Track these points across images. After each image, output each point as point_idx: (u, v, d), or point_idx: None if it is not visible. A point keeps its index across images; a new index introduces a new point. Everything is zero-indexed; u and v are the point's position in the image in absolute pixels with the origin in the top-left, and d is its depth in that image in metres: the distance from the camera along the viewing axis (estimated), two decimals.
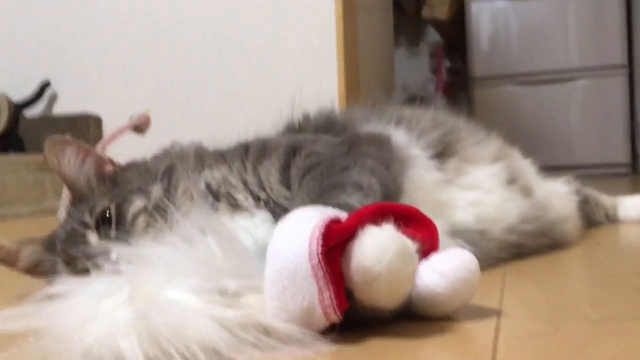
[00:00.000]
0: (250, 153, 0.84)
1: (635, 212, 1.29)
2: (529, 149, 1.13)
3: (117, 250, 0.70)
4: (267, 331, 0.53)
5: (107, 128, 2.76)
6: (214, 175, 0.82)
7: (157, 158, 0.89)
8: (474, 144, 1.00)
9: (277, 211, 0.78)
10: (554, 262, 0.91)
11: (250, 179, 0.80)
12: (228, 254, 0.65)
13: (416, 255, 0.57)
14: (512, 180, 1.01)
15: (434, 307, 0.60)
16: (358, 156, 0.79)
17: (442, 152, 0.95)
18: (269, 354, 0.52)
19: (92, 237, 0.75)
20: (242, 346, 0.52)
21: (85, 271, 0.72)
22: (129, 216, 0.76)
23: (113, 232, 0.74)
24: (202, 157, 0.88)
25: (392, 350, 0.53)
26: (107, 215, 0.75)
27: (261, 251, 0.70)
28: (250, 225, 0.77)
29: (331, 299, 0.53)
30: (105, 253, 0.71)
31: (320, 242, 0.54)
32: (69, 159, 0.81)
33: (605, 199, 1.35)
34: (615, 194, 1.36)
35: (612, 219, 1.32)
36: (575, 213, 1.14)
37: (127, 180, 0.82)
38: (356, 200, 0.71)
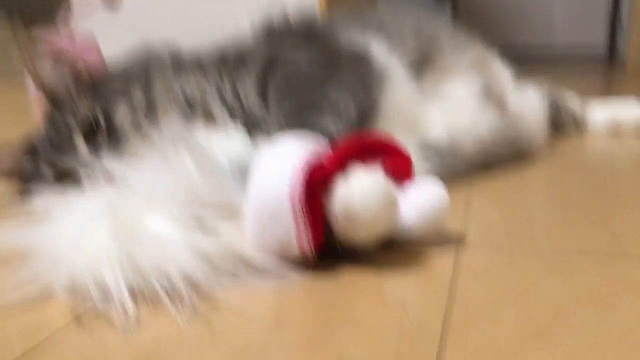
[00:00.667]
0: (227, 61, 0.83)
1: (602, 125, 1.33)
2: (512, 29, 1.12)
3: (105, 162, 0.70)
4: (244, 262, 0.57)
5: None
6: (190, 82, 0.81)
7: (132, 60, 0.88)
8: (453, 53, 1.00)
9: (253, 123, 0.79)
10: (518, 180, 0.95)
11: (226, 88, 0.80)
12: (205, 174, 0.66)
13: (398, 201, 0.60)
14: (486, 91, 1.02)
15: (406, 234, 0.64)
16: (334, 70, 0.79)
17: (420, 62, 0.95)
18: (245, 284, 0.55)
19: (80, 143, 0.76)
20: (220, 276, 0.55)
21: (70, 176, 0.74)
22: (119, 120, 0.77)
23: (102, 138, 0.76)
24: (178, 62, 0.87)
25: (360, 283, 0.57)
26: (93, 122, 0.76)
27: (236, 169, 0.73)
28: (225, 141, 0.78)
29: (308, 237, 0.56)
30: (94, 163, 0.72)
31: (302, 183, 0.56)
32: (46, 64, 0.79)
33: (576, 106, 1.37)
34: (589, 85, 1.36)
35: (580, 129, 1.36)
36: (544, 123, 1.17)
37: (106, 84, 0.81)
38: (332, 123, 0.73)
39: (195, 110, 0.80)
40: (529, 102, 1.16)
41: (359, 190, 0.56)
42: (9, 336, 0.47)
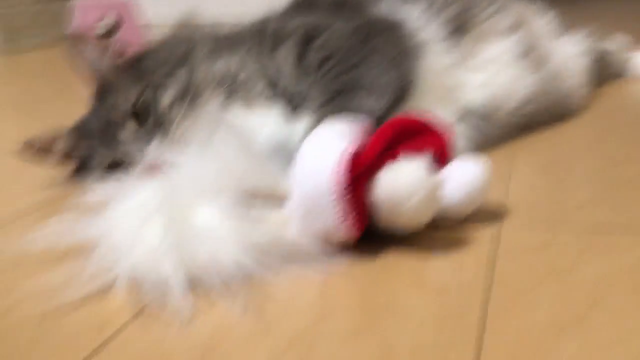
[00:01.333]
0: (265, 40, 0.84)
1: None
2: None
3: (156, 141, 0.76)
4: (291, 249, 0.59)
5: None
6: (232, 60, 0.83)
7: (174, 40, 0.90)
8: (491, 16, 0.98)
9: (293, 101, 0.81)
10: (560, 144, 0.95)
11: (267, 66, 0.81)
12: (249, 159, 0.69)
13: (440, 194, 0.62)
14: (526, 52, 1.01)
15: (448, 213, 0.65)
16: (370, 51, 0.80)
17: (457, 29, 0.94)
18: (292, 271, 0.58)
19: (128, 127, 0.79)
20: (268, 264, 0.58)
21: (121, 162, 0.78)
22: (166, 105, 0.79)
23: (151, 120, 0.79)
24: (219, 40, 0.88)
25: (401, 266, 0.59)
26: (141, 106, 0.79)
27: (278, 150, 0.75)
28: (267, 121, 0.80)
29: (352, 222, 0.58)
30: (143, 148, 0.76)
31: (345, 169, 0.58)
32: (90, 52, 0.82)
33: (619, 53, 1.34)
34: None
35: (623, 74, 1.32)
36: (585, 78, 1.15)
37: (149, 69, 0.83)
38: (373, 102, 0.74)
39: (236, 89, 0.82)
40: (571, 58, 1.14)
41: (404, 181, 0.58)
42: (75, 331, 0.52)
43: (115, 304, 0.55)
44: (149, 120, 0.79)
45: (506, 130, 0.96)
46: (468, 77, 0.94)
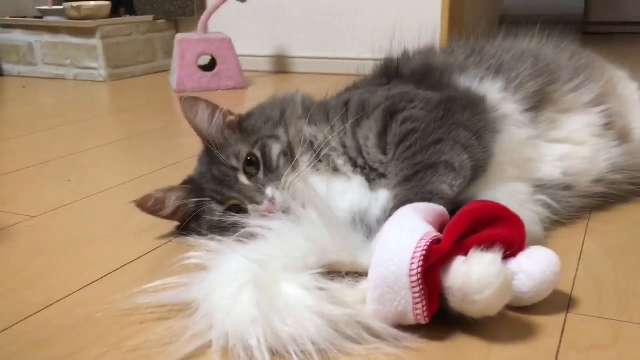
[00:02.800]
0: (350, 113, 0.90)
1: None
2: None
3: (271, 188, 0.86)
4: (366, 328, 0.65)
5: None
6: (318, 135, 0.90)
7: (270, 106, 0.98)
8: (573, 90, 1.01)
9: (372, 176, 0.87)
10: (636, 221, 0.95)
11: (349, 143, 0.88)
12: (332, 231, 0.75)
13: (512, 290, 0.66)
14: (609, 126, 1.02)
15: (517, 302, 0.69)
16: (451, 126, 0.84)
17: (538, 104, 0.97)
18: (365, 349, 0.64)
19: (243, 178, 0.89)
20: (345, 341, 0.64)
21: (235, 208, 0.88)
22: (274, 158, 0.89)
23: (261, 173, 0.89)
24: (308, 108, 0.95)
25: (467, 352, 0.63)
26: (254, 159, 0.89)
27: (359, 221, 0.81)
28: (348, 190, 0.87)
29: (423, 308, 0.64)
30: (260, 190, 0.87)
31: (421, 262, 0.63)
32: (202, 114, 0.92)
33: None
34: None
35: None
36: None
37: (255, 128, 0.94)
38: (448, 186, 0.78)
39: (321, 160, 0.89)
40: None
41: (478, 274, 0.62)
42: None
43: None
44: (259, 171, 0.88)
45: (587, 200, 0.98)
46: (548, 150, 0.96)
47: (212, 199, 0.90)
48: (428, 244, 0.64)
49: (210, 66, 2.42)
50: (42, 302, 0.77)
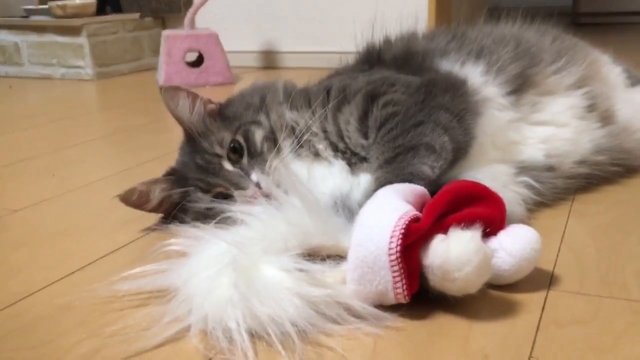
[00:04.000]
0: (331, 98, 0.90)
1: None
2: None
3: (256, 173, 0.85)
4: (346, 308, 0.65)
5: None
6: (299, 120, 0.90)
7: (250, 92, 0.98)
8: (555, 72, 1.00)
9: (354, 160, 0.87)
10: (621, 202, 0.95)
11: (330, 128, 0.88)
12: (313, 215, 0.75)
13: (491, 266, 0.65)
14: (592, 108, 1.02)
15: (498, 280, 0.69)
16: (432, 108, 0.84)
17: (520, 87, 0.96)
18: (346, 329, 0.63)
19: (227, 165, 0.88)
20: (325, 322, 0.64)
21: (221, 195, 0.87)
22: (258, 143, 0.88)
23: (245, 159, 0.88)
24: (289, 93, 0.95)
25: (448, 330, 0.63)
26: (237, 145, 0.88)
27: (340, 205, 0.81)
28: (329, 174, 0.86)
29: (403, 287, 0.63)
30: (245, 175, 0.86)
31: (400, 241, 0.63)
32: (183, 103, 0.91)
33: None
34: None
35: None
36: None
37: (236, 115, 0.93)
38: (429, 167, 0.78)
39: (302, 145, 0.89)
40: None
41: (456, 251, 0.62)
42: None
43: (189, 350, 0.62)
44: (243, 157, 0.88)
45: (571, 181, 0.98)
46: (531, 132, 0.96)
47: (196, 188, 0.89)
48: (407, 222, 0.64)
49: (198, 62, 2.41)
50: (22, 292, 0.76)
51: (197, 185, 0.89)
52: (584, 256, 0.78)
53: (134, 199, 0.90)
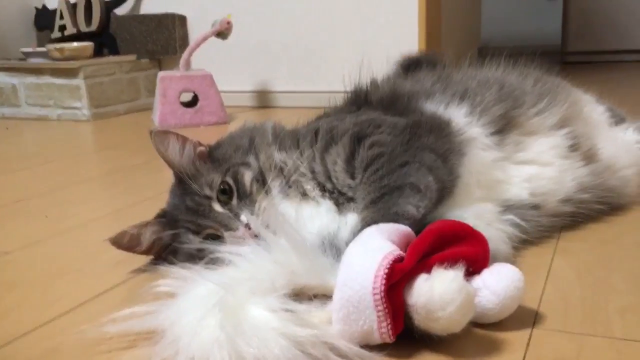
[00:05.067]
0: (319, 139, 0.92)
1: None
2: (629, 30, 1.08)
3: (245, 214, 0.86)
4: (332, 348, 0.65)
5: (192, 27, 2.84)
6: (287, 161, 0.91)
7: (239, 134, 1.00)
8: (538, 114, 1.03)
9: (341, 200, 0.88)
10: (605, 242, 0.96)
11: (318, 168, 0.89)
12: (300, 255, 0.76)
13: (475, 305, 0.66)
14: (575, 147, 1.04)
15: (483, 319, 0.70)
16: (417, 149, 0.86)
17: (504, 127, 0.99)
18: None
19: (217, 206, 0.89)
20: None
21: (211, 237, 0.87)
22: (247, 184, 0.90)
23: (235, 200, 0.89)
24: (277, 135, 0.97)
25: None
26: (226, 187, 0.89)
27: (328, 245, 0.82)
28: (317, 214, 0.88)
29: (387, 327, 0.64)
30: (235, 217, 0.87)
31: (384, 281, 0.64)
32: (173, 146, 0.93)
33: None
34: None
35: None
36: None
37: (226, 157, 0.94)
38: (414, 207, 0.80)
39: (290, 185, 0.90)
40: (626, 147, 1.16)
41: (440, 291, 0.63)
42: None
43: None
44: (233, 199, 0.89)
45: (556, 219, 0.99)
46: (515, 171, 0.98)
47: (187, 230, 0.90)
48: (390, 262, 0.65)
49: (193, 102, 2.45)
50: (12, 334, 0.76)
51: (188, 227, 0.90)
52: (568, 294, 0.79)
53: (125, 242, 0.91)
